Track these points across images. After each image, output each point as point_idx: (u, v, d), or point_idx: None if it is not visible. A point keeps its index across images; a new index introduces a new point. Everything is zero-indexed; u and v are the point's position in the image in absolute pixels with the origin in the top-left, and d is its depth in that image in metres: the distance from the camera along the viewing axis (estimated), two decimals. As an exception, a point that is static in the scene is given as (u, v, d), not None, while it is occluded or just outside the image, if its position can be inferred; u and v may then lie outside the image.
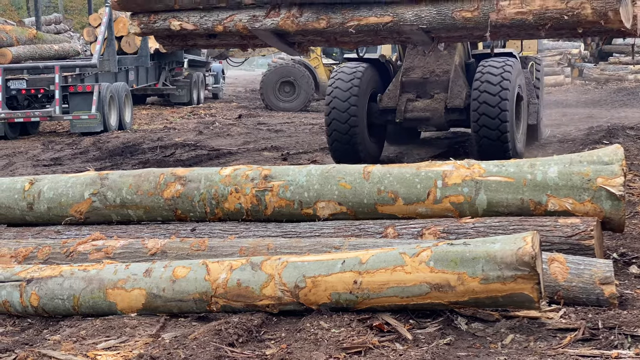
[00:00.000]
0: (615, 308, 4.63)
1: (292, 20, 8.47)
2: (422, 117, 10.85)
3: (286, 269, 4.59)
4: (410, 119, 10.90)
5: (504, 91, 10.21)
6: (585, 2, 7.65)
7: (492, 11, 7.80)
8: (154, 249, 5.37)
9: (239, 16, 8.69)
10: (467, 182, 5.43)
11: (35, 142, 15.48)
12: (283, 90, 22.10)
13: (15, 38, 17.47)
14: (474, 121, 10.36)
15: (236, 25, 8.69)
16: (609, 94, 23.85)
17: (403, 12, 8.16)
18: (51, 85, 15.93)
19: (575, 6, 7.67)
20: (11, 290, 4.88)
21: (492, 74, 10.35)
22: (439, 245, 4.47)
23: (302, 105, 21.95)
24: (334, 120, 10.73)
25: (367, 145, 10.98)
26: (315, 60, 22.49)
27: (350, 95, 10.66)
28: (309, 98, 22.09)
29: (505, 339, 4.30)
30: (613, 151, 5.40)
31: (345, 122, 10.70)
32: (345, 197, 5.59)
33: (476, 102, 10.30)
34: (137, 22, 9.12)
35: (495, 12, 7.76)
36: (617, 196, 5.22)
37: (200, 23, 8.82)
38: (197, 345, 4.18)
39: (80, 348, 4.30)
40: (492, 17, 7.80)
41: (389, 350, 4.15)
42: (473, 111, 10.35)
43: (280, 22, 8.55)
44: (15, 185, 6.13)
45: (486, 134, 10.20)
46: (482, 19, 7.89)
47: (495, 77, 10.30)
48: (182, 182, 5.81)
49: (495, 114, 10.16)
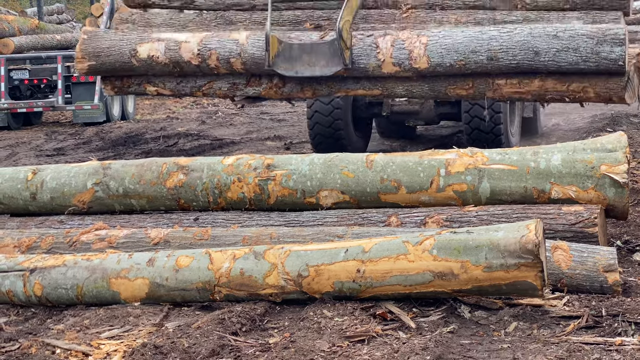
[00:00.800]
0: (619, 295, 4.63)
1: (275, 90, 7.91)
2: (410, 111, 10.31)
3: (289, 257, 4.59)
4: (397, 112, 10.35)
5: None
6: (587, 87, 7.26)
7: (488, 90, 7.46)
8: (157, 238, 5.37)
9: (218, 84, 8.03)
10: (470, 171, 5.42)
11: (38, 133, 15.47)
12: None
13: (17, 28, 17.45)
14: (465, 111, 9.86)
15: (216, 92, 8.13)
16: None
17: (393, 87, 7.66)
18: (54, 75, 15.91)
19: (576, 89, 7.32)
20: (15, 279, 4.88)
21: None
22: (442, 234, 4.46)
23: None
24: (317, 113, 10.16)
25: (352, 140, 10.42)
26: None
27: None
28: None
29: (509, 326, 4.30)
30: (617, 138, 5.38)
31: (329, 115, 10.12)
32: (348, 186, 5.59)
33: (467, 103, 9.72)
34: (110, 85, 8.40)
35: (491, 91, 7.45)
36: (620, 183, 5.21)
37: (177, 89, 8.21)
38: (200, 334, 4.18)
39: (84, 337, 4.31)
40: (488, 95, 7.51)
41: (392, 339, 4.15)
42: (464, 102, 9.79)
43: (262, 91, 8.00)
44: (18, 175, 6.13)
45: (478, 125, 9.74)
46: (477, 94, 7.56)
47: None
48: (185, 171, 5.81)
49: (488, 105, 9.71)
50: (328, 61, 7.08)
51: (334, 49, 7.29)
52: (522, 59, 7.07)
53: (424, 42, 7.19)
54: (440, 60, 7.20)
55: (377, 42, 7.31)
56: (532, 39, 6.99)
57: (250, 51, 7.53)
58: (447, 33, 7.27)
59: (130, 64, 7.78)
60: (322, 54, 7.35)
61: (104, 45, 7.92)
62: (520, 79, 7.29)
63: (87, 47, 7.92)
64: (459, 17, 7.71)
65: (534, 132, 11.96)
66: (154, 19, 8.53)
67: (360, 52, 7.32)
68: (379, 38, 7.34)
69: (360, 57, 7.33)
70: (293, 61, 7.23)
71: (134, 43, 7.87)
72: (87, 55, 7.91)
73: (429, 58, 7.21)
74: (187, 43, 7.69)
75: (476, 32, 7.20)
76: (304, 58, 7.37)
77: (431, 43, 7.19)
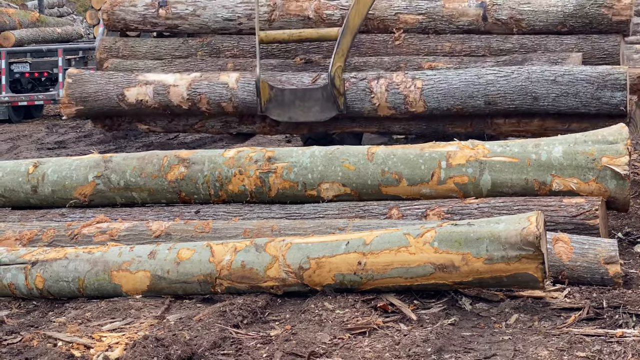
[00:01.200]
0: (620, 287, 4.63)
1: (270, 128, 7.63)
2: None
3: (290, 250, 4.59)
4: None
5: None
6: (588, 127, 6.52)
7: (488, 128, 7.23)
8: (158, 231, 5.38)
9: (210, 122, 7.68)
10: (471, 163, 5.42)
11: (39, 126, 15.47)
12: None
13: (18, 21, 17.43)
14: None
15: (209, 130, 7.86)
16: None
17: (390, 125, 7.45)
18: (54, 68, 15.89)
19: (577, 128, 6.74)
20: (16, 272, 4.89)
21: None
22: (443, 226, 4.46)
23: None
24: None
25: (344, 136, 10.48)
26: None
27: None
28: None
29: (510, 318, 4.30)
30: (618, 130, 5.38)
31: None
32: (349, 179, 5.59)
33: None
34: (101, 124, 8.02)
35: (490, 129, 7.23)
36: (621, 175, 5.21)
37: (169, 127, 7.91)
38: (202, 326, 4.19)
39: (86, 330, 4.31)
40: (487, 132, 7.29)
41: (394, 331, 4.15)
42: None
43: (256, 129, 7.73)
44: (19, 168, 6.14)
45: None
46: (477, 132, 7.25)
47: None
48: (186, 164, 5.81)
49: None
50: (322, 107, 6.75)
51: (327, 94, 7.04)
52: (521, 104, 6.80)
53: (419, 86, 6.88)
54: (436, 105, 6.94)
55: (371, 87, 7.01)
56: (531, 84, 6.69)
57: (241, 96, 7.24)
58: (442, 77, 6.92)
59: (119, 107, 7.50)
60: (316, 100, 7.08)
61: (90, 90, 7.57)
62: (519, 119, 7.03)
63: (73, 92, 7.57)
64: (453, 45, 7.41)
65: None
66: (138, 46, 8.22)
67: (354, 96, 7.03)
68: (373, 82, 7.03)
69: (354, 102, 7.05)
70: (286, 107, 6.92)
71: (122, 87, 7.51)
72: (75, 100, 7.57)
73: (425, 103, 6.95)
74: (175, 87, 7.39)
75: (472, 77, 6.84)
76: (296, 104, 7.08)
77: (427, 88, 6.89)
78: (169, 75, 7.50)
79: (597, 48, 7.14)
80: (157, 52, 8.15)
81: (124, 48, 8.22)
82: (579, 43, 7.19)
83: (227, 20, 7.90)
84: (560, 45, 7.22)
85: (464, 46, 7.40)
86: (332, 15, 7.63)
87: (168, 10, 8.01)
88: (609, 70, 6.61)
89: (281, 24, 7.72)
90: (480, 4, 7.35)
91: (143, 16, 8.10)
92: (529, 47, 7.27)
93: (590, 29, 7.18)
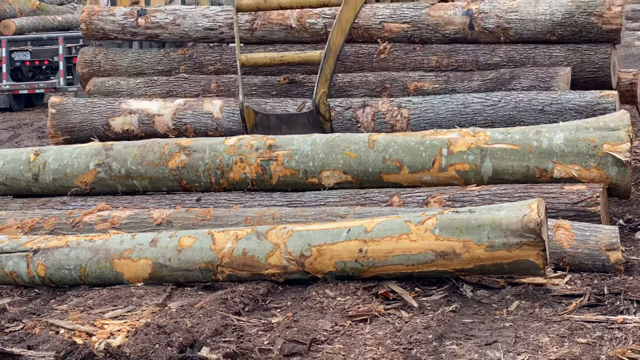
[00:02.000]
0: (621, 274, 4.64)
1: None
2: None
3: (291, 238, 4.60)
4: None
5: None
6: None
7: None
8: (160, 219, 5.38)
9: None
10: (472, 150, 5.41)
11: (40, 114, 15.46)
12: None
13: (18, 9, 17.39)
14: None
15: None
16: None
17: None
18: (55, 56, 15.87)
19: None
20: (18, 260, 4.90)
21: None
22: (444, 213, 4.46)
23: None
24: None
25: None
26: None
27: None
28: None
29: (511, 305, 4.31)
30: (619, 117, 5.37)
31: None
32: (350, 166, 5.58)
33: None
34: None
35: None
36: (623, 162, 5.20)
37: None
38: (203, 314, 4.20)
39: (88, 317, 4.33)
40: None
41: (395, 318, 4.16)
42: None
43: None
44: (21, 156, 6.14)
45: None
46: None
47: None
48: (187, 152, 5.81)
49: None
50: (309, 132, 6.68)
51: (313, 119, 6.92)
52: None
53: (405, 115, 6.68)
54: None
55: (357, 116, 6.84)
56: (518, 114, 6.51)
57: (226, 126, 7.09)
58: (429, 105, 6.73)
59: (106, 136, 7.31)
60: (302, 125, 6.92)
61: (75, 120, 7.37)
62: None
63: (58, 123, 7.40)
64: (439, 59, 7.20)
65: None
66: (119, 60, 8.00)
67: (340, 126, 6.88)
68: (358, 111, 6.85)
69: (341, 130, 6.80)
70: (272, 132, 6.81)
71: (106, 116, 7.33)
72: (60, 131, 7.41)
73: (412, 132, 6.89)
74: (160, 117, 7.22)
75: (459, 106, 6.65)
76: (283, 129, 6.88)
77: (413, 117, 6.71)
78: (152, 103, 7.31)
79: (587, 61, 6.93)
80: (139, 66, 7.95)
81: (105, 62, 8.00)
82: (568, 55, 6.97)
83: (208, 30, 7.73)
84: (550, 59, 6.99)
85: (451, 60, 7.19)
86: (315, 24, 7.47)
87: (147, 19, 7.83)
88: (598, 99, 6.37)
89: (263, 33, 7.59)
90: (467, 12, 7.18)
91: (122, 25, 7.89)
92: (517, 60, 7.05)
93: (580, 38, 6.98)
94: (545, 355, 3.64)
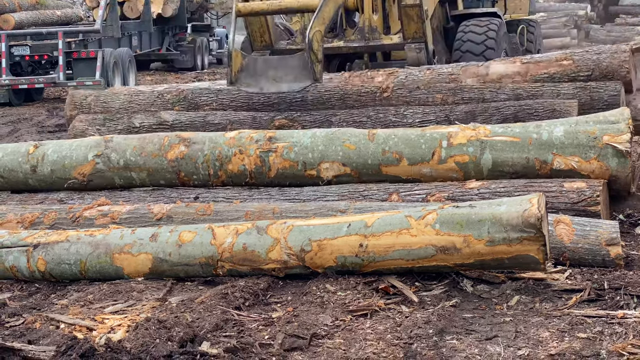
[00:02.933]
0: (621, 269, 4.63)
1: None
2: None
3: (292, 232, 4.59)
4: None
5: (488, 50, 9.43)
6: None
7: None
8: (160, 214, 5.38)
9: None
10: (472, 142, 5.41)
11: (39, 109, 15.44)
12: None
13: (17, 4, 17.35)
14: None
15: None
16: (616, 55, 23.64)
17: None
18: (54, 51, 15.84)
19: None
20: (18, 255, 4.89)
21: (475, 33, 9.58)
22: (445, 208, 4.46)
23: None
24: None
25: None
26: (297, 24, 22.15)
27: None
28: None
29: (511, 300, 4.31)
30: (619, 112, 5.38)
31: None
32: (349, 158, 5.58)
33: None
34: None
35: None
36: (623, 153, 5.20)
37: None
38: (203, 308, 4.20)
39: (88, 312, 4.32)
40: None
41: (395, 313, 4.16)
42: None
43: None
44: (20, 149, 6.16)
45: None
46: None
47: (479, 37, 9.52)
48: (187, 143, 5.81)
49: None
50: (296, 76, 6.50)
51: (303, 62, 6.74)
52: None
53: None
54: None
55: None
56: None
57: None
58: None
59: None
60: (290, 69, 6.76)
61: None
62: None
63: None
64: (444, 97, 6.99)
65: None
66: (111, 102, 7.76)
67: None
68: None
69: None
70: (257, 77, 6.70)
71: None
72: None
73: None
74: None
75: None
76: (269, 73, 6.75)
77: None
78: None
79: (596, 98, 6.79)
80: (130, 108, 7.70)
81: (95, 104, 7.77)
82: (576, 93, 6.85)
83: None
84: (557, 96, 6.84)
85: (456, 98, 7.02)
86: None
87: None
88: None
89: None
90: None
91: None
92: (524, 97, 6.90)
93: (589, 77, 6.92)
94: (546, 350, 3.64)
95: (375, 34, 9.03)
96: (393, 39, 9.09)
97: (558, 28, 26.75)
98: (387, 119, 6.76)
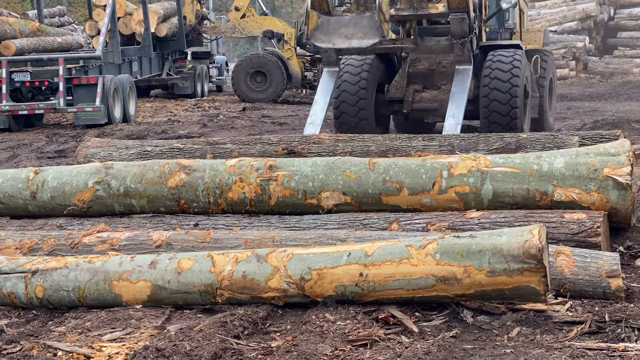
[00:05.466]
0: (622, 301, 4.61)
1: None
2: (429, 108, 10.93)
3: (292, 261, 4.58)
4: (417, 110, 10.99)
5: (514, 88, 10.30)
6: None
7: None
8: (159, 241, 5.36)
9: None
10: (472, 173, 5.42)
11: (39, 135, 15.47)
12: (255, 80, 22.08)
13: (18, 30, 17.45)
14: (484, 117, 10.43)
15: None
16: (614, 87, 23.79)
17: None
18: (55, 77, 15.92)
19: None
20: (16, 281, 4.87)
21: (502, 62, 10.42)
22: (445, 238, 4.45)
23: (274, 96, 21.97)
24: (343, 114, 10.76)
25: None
26: (289, 52, 22.50)
27: (359, 89, 10.66)
28: (280, 89, 22.09)
29: (512, 331, 4.29)
30: (620, 144, 5.39)
31: (355, 116, 10.73)
32: (350, 187, 5.58)
33: (486, 98, 10.35)
34: None
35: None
36: (623, 185, 5.20)
37: None
38: (202, 337, 4.17)
39: (86, 339, 4.29)
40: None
41: (395, 343, 4.14)
42: (483, 107, 10.40)
43: None
44: (20, 175, 6.15)
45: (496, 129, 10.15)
46: None
47: (506, 66, 10.39)
48: (187, 171, 5.81)
49: (506, 112, 10.25)
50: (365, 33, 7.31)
51: (372, 22, 7.47)
52: None
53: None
54: None
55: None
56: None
57: None
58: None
59: None
60: (360, 27, 7.56)
61: None
62: None
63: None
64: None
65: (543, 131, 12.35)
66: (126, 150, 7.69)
67: None
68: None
69: None
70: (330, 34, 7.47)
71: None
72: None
73: None
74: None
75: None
76: (341, 31, 7.54)
77: None
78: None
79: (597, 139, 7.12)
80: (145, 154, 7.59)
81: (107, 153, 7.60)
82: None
83: None
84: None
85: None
86: None
87: None
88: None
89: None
90: None
91: None
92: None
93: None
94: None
95: (422, 3, 9.95)
96: (439, 8, 10.11)
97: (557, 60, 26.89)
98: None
